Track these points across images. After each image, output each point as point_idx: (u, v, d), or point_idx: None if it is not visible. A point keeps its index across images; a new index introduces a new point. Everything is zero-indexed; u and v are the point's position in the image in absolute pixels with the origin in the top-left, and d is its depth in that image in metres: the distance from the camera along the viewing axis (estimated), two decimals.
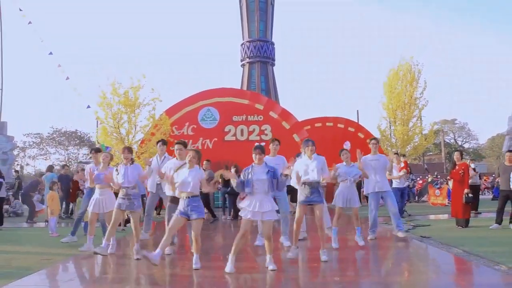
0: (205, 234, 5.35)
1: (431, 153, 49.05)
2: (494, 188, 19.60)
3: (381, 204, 7.62)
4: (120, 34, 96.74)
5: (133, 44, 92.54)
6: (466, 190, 8.52)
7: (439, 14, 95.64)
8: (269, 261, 4.95)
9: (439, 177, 21.19)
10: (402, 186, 11.05)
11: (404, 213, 11.16)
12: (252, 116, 16.49)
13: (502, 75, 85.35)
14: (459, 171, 8.64)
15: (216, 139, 16.31)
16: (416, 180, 19.75)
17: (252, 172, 4.99)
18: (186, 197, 5.12)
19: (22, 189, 14.25)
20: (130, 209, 5.91)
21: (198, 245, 5.13)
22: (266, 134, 16.28)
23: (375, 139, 7.73)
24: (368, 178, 7.17)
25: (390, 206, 7.24)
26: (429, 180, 18.60)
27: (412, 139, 17.04)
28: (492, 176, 24.37)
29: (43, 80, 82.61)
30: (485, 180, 23.35)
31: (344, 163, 6.80)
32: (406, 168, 11.22)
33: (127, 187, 5.90)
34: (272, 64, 38.30)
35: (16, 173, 18.79)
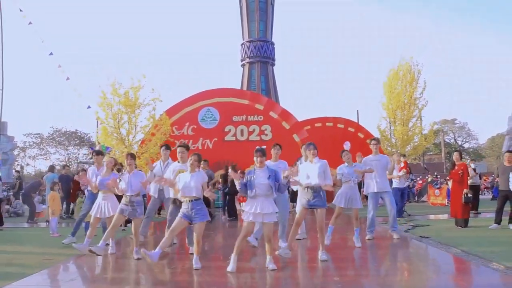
0: (204, 234, 5.38)
1: (431, 153, 49.07)
2: (493, 188, 19.62)
3: (381, 204, 7.65)
4: (120, 34, 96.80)
5: (133, 44, 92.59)
6: (465, 190, 8.55)
7: (439, 14, 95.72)
8: (269, 261, 4.99)
9: (439, 177, 21.21)
10: (402, 186, 11.07)
11: (404, 213, 11.19)
12: (252, 116, 16.52)
13: (502, 75, 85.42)
14: (458, 171, 8.67)
15: (216, 139, 16.33)
16: (416, 180, 19.78)
17: (254, 175, 5.03)
18: (189, 200, 5.16)
19: (23, 189, 14.28)
20: (132, 216, 5.93)
21: (199, 247, 5.17)
22: (266, 134, 16.31)
23: (375, 139, 7.75)
24: (372, 172, 7.20)
25: (389, 207, 7.31)
26: (429, 180, 18.62)
27: (411, 139, 17.05)
28: (491, 176, 24.40)
29: (43, 80, 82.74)
30: (484, 180, 23.37)
31: (345, 164, 6.82)
32: (406, 168, 11.25)
33: (131, 195, 5.93)
34: (272, 64, 38.33)
35: (16, 173, 18.83)
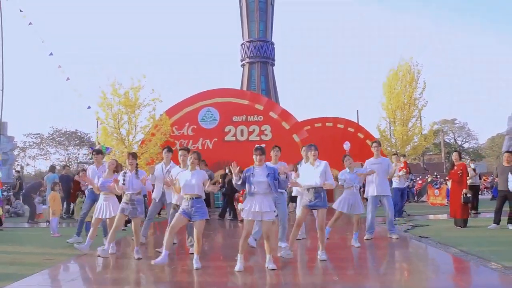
0: (204, 234, 5.41)
1: (431, 153, 49.08)
2: (493, 188, 19.63)
3: (380, 205, 7.67)
4: (120, 34, 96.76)
5: (133, 44, 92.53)
6: (465, 190, 8.57)
7: (439, 14, 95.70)
8: (268, 260, 5.02)
9: (438, 177, 21.23)
10: (402, 186, 11.11)
11: (404, 213, 11.22)
12: (252, 116, 16.54)
13: (502, 75, 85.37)
14: (458, 172, 8.70)
15: (216, 139, 16.36)
16: (416, 180, 19.80)
17: (253, 174, 5.06)
18: (190, 198, 5.19)
19: (23, 190, 14.30)
20: (132, 215, 5.95)
21: (200, 246, 5.20)
22: (266, 135, 16.33)
23: (377, 142, 7.73)
24: (373, 173, 7.24)
25: (386, 212, 7.36)
26: (428, 180, 18.64)
27: (411, 139, 17.08)
28: (491, 176, 24.40)
29: (44, 80, 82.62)
30: (484, 180, 23.38)
31: (347, 169, 6.84)
32: (406, 168, 11.28)
33: (132, 193, 5.96)
34: (272, 64, 38.35)
35: (17, 173, 18.84)
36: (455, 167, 8.82)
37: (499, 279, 4.57)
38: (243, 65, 38.22)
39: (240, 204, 11.86)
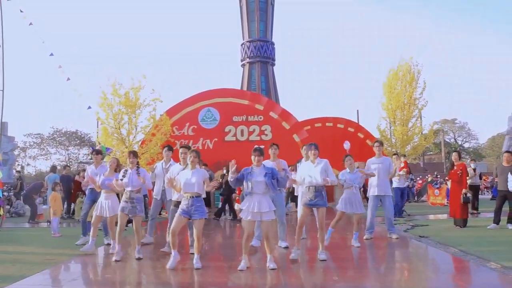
0: (204, 234, 5.44)
1: (431, 152, 49.09)
2: (493, 188, 19.65)
3: (380, 205, 7.70)
4: (120, 34, 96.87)
5: (133, 44, 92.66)
6: (464, 190, 8.59)
7: (439, 14, 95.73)
8: (269, 260, 5.04)
9: (438, 176, 21.25)
10: (402, 186, 11.13)
11: (404, 213, 11.23)
12: (252, 116, 16.55)
13: (502, 75, 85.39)
14: (457, 172, 8.72)
15: (216, 139, 16.37)
16: (416, 180, 19.81)
17: (251, 174, 5.08)
18: (190, 196, 5.21)
19: (24, 190, 14.31)
20: (132, 213, 5.96)
21: (200, 245, 5.23)
22: (266, 135, 16.34)
23: (378, 142, 7.74)
24: (374, 176, 7.28)
25: (386, 211, 7.39)
26: (428, 180, 18.66)
27: (411, 139, 17.07)
28: (491, 176, 24.40)
29: (44, 81, 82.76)
30: (484, 180, 23.39)
31: (347, 169, 6.86)
32: (406, 168, 11.30)
33: (131, 191, 5.97)
34: (272, 64, 38.37)
35: (17, 173, 18.86)
36: (455, 167, 8.84)
37: (499, 279, 4.59)
38: (243, 65, 38.24)
39: (237, 205, 11.89)
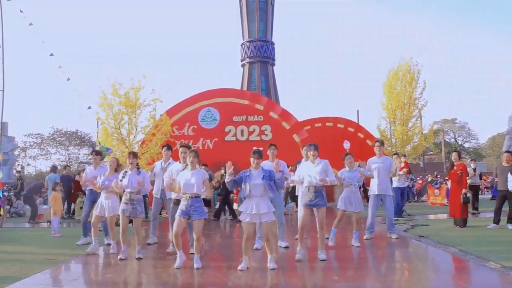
0: (204, 234, 5.45)
1: (431, 152, 49.09)
2: (493, 188, 19.65)
3: (381, 204, 7.70)
4: (120, 34, 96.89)
5: (133, 44, 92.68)
6: (464, 190, 8.59)
7: (439, 14, 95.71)
8: (269, 260, 5.06)
9: (439, 176, 21.25)
10: (403, 185, 11.16)
11: (404, 212, 11.24)
12: (252, 116, 16.56)
13: (502, 75, 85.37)
14: (457, 172, 8.72)
15: (216, 139, 16.38)
16: (416, 180, 19.81)
17: (249, 176, 5.09)
18: (189, 197, 5.22)
19: (25, 190, 14.32)
20: (133, 215, 5.97)
21: (200, 245, 5.24)
22: (266, 135, 16.35)
23: (379, 141, 7.74)
24: (373, 178, 7.30)
25: (387, 211, 7.40)
26: (428, 180, 18.67)
27: (411, 139, 17.06)
28: (491, 176, 24.40)
29: (44, 81, 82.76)
30: (484, 179, 23.40)
31: (347, 168, 6.87)
32: (406, 167, 11.31)
33: (131, 192, 5.98)
34: (272, 64, 38.38)
35: (18, 173, 18.87)
36: (455, 167, 8.85)
37: (498, 279, 4.60)
38: (243, 65, 38.26)
39: (235, 204, 11.89)
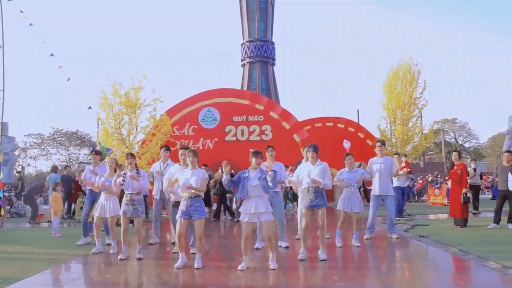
0: (204, 234, 5.45)
1: (431, 152, 49.05)
2: (493, 187, 19.63)
3: (381, 204, 7.70)
4: (120, 34, 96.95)
5: (133, 44, 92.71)
6: (464, 190, 8.59)
7: (439, 14, 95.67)
8: (271, 259, 5.06)
9: (439, 176, 21.24)
10: (403, 185, 11.17)
11: (404, 212, 11.24)
12: (252, 116, 16.57)
13: (502, 75, 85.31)
14: (457, 171, 8.72)
15: (216, 139, 16.38)
16: (416, 180, 19.80)
17: (248, 177, 5.10)
18: (188, 197, 5.23)
19: (25, 190, 14.32)
20: (134, 216, 5.98)
21: (201, 244, 5.26)
22: (266, 134, 16.36)
23: (380, 141, 7.72)
24: (370, 179, 7.32)
25: (388, 211, 7.40)
26: (429, 179, 18.66)
27: (411, 139, 17.06)
28: (492, 176, 24.39)
29: (44, 81, 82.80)
30: (485, 179, 23.38)
31: (346, 168, 6.86)
32: (407, 167, 11.30)
33: (131, 193, 5.98)
34: (272, 64, 38.38)
35: (18, 173, 18.88)
36: (455, 167, 8.84)
37: (499, 279, 4.60)
38: (243, 65, 38.26)
39: (234, 204, 11.90)
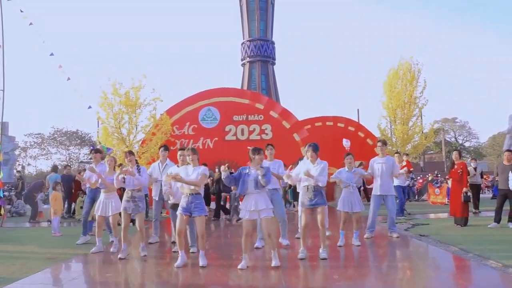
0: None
1: (431, 151, 49.03)
2: (494, 187, 19.62)
3: (382, 203, 7.69)
4: (120, 34, 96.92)
5: (133, 44, 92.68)
6: (465, 189, 8.58)
7: (439, 14, 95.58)
8: (273, 256, 5.07)
9: (439, 175, 21.22)
10: (403, 184, 11.18)
11: (404, 211, 11.23)
12: (252, 115, 16.55)
13: (502, 75, 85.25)
14: (458, 170, 8.71)
15: (216, 138, 16.38)
16: (416, 179, 19.79)
17: (248, 174, 5.11)
18: (189, 193, 5.23)
19: (25, 189, 14.31)
20: (135, 212, 6.00)
21: (204, 241, 5.26)
22: (266, 134, 16.35)
23: (381, 141, 7.69)
24: (369, 178, 7.30)
25: (389, 210, 7.39)
26: (429, 179, 18.65)
27: (412, 138, 17.03)
28: (492, 175, 24.37)
29: (44, 81, 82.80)
30: (485, 179, 23.36)
31: (346, 168, 6.85)
32: (408, 166, 11.30)
33: (133, 190, 5.99)
34: (273, 63, 38.39)
35: (18, 173, 18.88)
36: (455, 166, 8.83)
37: (499, 278, 4.59)
38: (243, 64, 38.27)
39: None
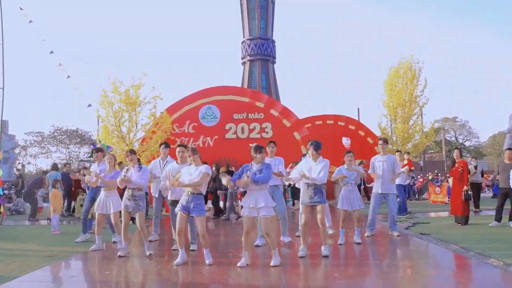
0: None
1: (432, 151, 49.02)
2: (494, 186, 19.61)
3: (383, 202, 7.67)
4: (120, 34, 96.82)
5: (133, 44, 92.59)
6: (465, 188, 8.56)
7: (439, 14, 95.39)
8: (273, 255, 5.06)
9: (439, 174, 21.21)
10: (404, 183, 11.18)
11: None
12: (252, 114, 16.54)
13: (502, 75, 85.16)
14: (458, 169, 8.69)
15: (216, 137, 16.36)
16: (417, 178, 19.78)
17: (251, 170, 5.09)
18: (190, 192, 5.20)
19: (25, 188, 14.30)
20: (136, 210, 5.98)
21: (206, 240, 5.25)
22: (266, 132, 16.33)
23: (383, 139, 7.68)
24: (365, 177, 7.28)
25: (390, 209, 7.38)
26: (429, 178, 18.64)
27: (412, 137, 17.00)
28: (492, 174, 24.37)
29: (44, 79, 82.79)
30: (485, 178, 23.35)
31: (345, 166, 6.83)
32: (410, 165, 11.28)
33: (133, 189, 5.98)
34: (273, 62, 38.32)
35: (18, 171, 18.88)
36: (456, 165, 8.82)
37: (500, 276, 4.58)
38: (243, 63, 38.20)
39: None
